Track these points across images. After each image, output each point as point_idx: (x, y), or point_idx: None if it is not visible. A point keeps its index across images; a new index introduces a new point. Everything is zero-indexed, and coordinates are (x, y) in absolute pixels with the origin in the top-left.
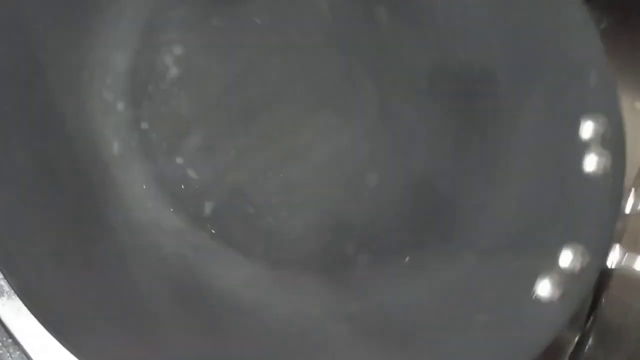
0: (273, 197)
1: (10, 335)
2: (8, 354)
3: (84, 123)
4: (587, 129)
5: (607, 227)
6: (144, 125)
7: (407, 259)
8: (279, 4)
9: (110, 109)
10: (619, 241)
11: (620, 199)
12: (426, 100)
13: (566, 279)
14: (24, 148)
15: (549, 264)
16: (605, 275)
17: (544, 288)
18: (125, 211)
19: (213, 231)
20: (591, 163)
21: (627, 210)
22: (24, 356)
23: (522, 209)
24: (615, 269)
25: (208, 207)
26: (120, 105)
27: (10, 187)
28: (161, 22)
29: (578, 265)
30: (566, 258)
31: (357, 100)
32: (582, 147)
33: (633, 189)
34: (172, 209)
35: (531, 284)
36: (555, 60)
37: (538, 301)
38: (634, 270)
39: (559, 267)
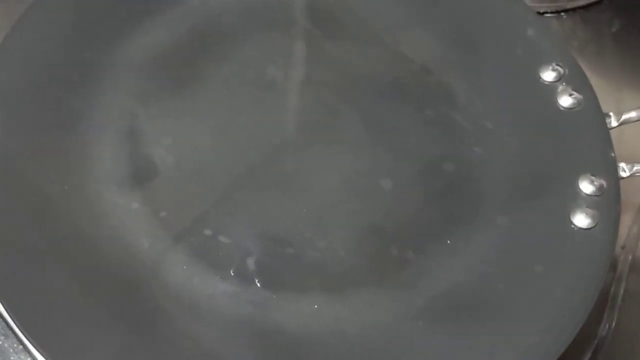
0: (305, 231)
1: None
2: None
3: (109, 231)
4: (548, 75)
5: (604, 151)
6: (163, 214)
7: (448, 242)
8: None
9: (126, 211)
10: None
11: (605, 124)
12: (399, 106)
13: (595, 206)
14: (68, 274)
15: (573, 197)
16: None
17: (580, 219)
18: (176, 294)
19: (263, 282)
20: (565, 100)
21: None
22: None
23: (525, 158)
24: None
25: (251, 263)
26: (135, 205)
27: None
28: (141, 124)
29: (597, 190)
30: (585, 187)
31: (341, 126)
32: (552, 90)
33: None
34: (219, 278)
35: (567, 220)
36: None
37: (580, 232)
38: None
39: (584, 196)
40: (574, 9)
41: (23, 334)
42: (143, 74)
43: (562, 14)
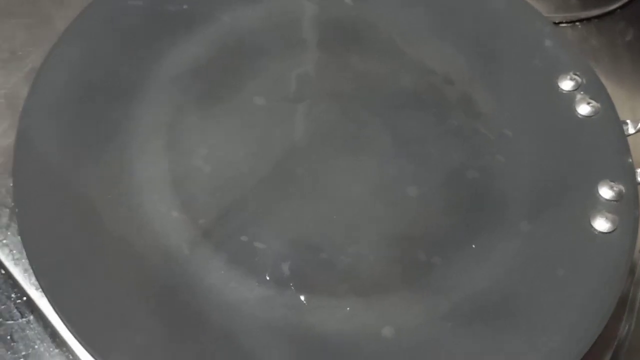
0: (336, 238)
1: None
2: None
3: (151, 238)
4: (566, 84)
5: (622, 158)
6: (202, 221)
7: (473, 247)
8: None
9: (167, 219)
10: None
11: (622, 131)
12: (423, 117)
13: (615, 210)
14: (113, 280)
15: (593, 203)
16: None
17: (600, 224)
18: (215, 299)
19: (297, 286)
20: (584, 108)
21: None
22: None
23: (546, 166)
24: None
25: (286, 268)
26: (174, 213)
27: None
28: (178, 136)
29: (616, 196)
30: (605, 192)
31: (368, 137)
32: (571, 98)
33: None
34: (255, 282)
35: (587, 225)
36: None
37: (600, 236)
38: None
39: (603, 201)
40: (588, 19)
41: (75, 336)
42: (179, 88)
43: (577, 23)
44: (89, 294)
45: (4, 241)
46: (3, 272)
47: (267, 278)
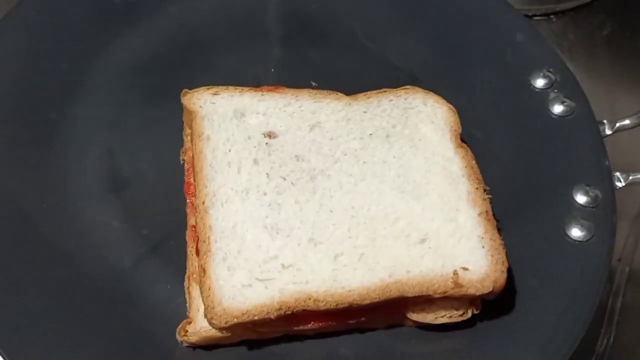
0: None
1: None
2: None
3: (91, 250)
4: (539, 82)
5: (598, 160)
6: (145, 232)
7: None
8: None
9: (108, 229)
10: None
11: (599, 132)
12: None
13: (590, 217)
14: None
15: (568, 208)
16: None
17: (575, 231)
18: (159, 313)
19: None
20: (558, 107)
21: None
22: None
23: (517, 168)
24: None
25: None
26: (116, 223)
27: None
28: (121, 138)
29: (592, 201)
30: (580, 198)
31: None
32: (544, 97)
33: None
34: None
35: (561, 232)
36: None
37: (576, 244)
38: None
39: (579, 207)
40: (563, 12)
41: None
42: (122, 86)
43: (552, 16)
44: (21, 311)
45: None
46: None
47: None
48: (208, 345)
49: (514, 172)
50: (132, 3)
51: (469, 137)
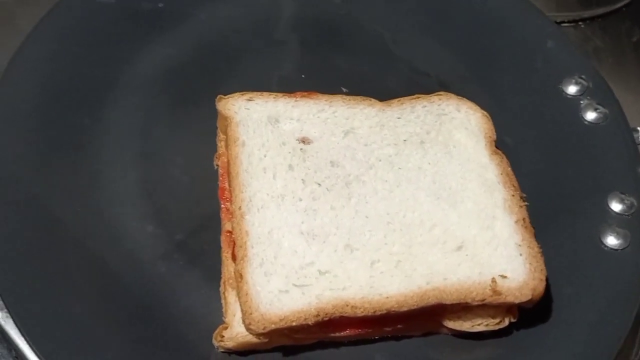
0: None
1: None
2: None
3: (124, 255)
4: (571, 88)
5: (634, 168)
6: (178, 237)
7: None
8: None
9: (141, 234)
10: None
11: (633, 139)
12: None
13: (626, 225)
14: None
15: (603, 217)
16: None
17: (611, 239)
18: (193, 318)
19: None
20: (590, 114)
21: None
22: None
23: (550, 176)
24: None
25: None
26: (150, 228)
27: None
28: (153, 143)
29: (627, 209)
30: (615, 206)
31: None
32: (576, 104)
33: None
34: None
35: (597, 240)
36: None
37: (611, 252)
38: None
39: (614, 215)
40: (591, 18)
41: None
42: (153, 91)
43: (580, 23)
44: (56, 314)
45: None
46: None
47: None
48: (243, 351)
49: (547, 179)
50: (162, 9)
51: (501, 144)
